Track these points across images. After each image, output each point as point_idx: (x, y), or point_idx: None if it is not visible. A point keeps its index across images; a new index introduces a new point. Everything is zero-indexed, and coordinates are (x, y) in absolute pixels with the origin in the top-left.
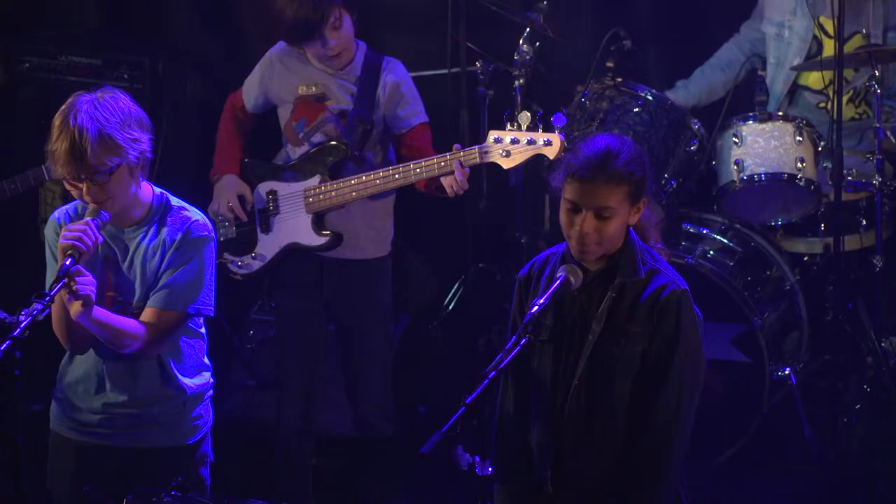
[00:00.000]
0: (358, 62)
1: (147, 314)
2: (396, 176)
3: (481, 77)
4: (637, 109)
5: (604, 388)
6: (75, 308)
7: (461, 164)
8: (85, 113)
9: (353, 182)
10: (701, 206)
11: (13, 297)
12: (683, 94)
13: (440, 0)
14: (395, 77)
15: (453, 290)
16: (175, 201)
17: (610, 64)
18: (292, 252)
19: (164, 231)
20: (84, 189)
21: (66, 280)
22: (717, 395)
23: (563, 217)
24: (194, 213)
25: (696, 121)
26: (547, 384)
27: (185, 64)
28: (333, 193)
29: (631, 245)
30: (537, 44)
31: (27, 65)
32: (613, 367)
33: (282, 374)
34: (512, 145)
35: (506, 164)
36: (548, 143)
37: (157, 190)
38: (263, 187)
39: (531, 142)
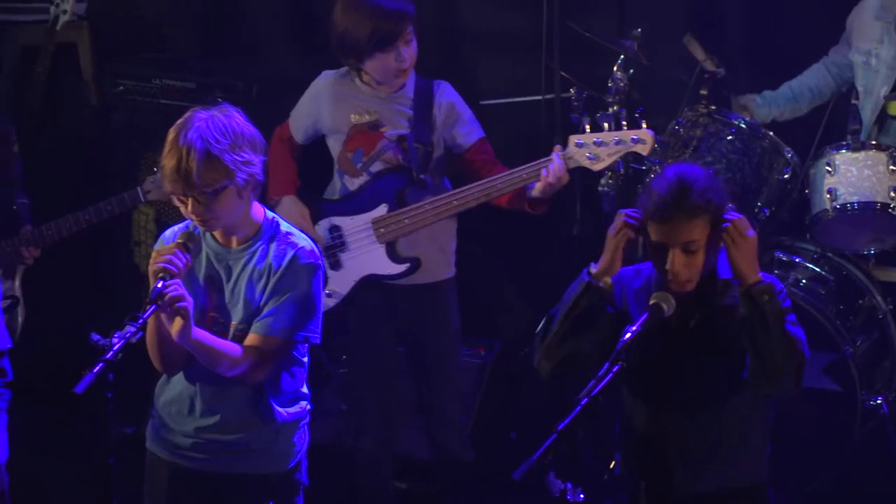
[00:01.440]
0: (409, 86)
1: (251, 340)
2: (475, 193)
3: (575, 104)
4: (730, 137)
5: (712, 406)
6: (175, 327)
7: (562, 156)
8: (196, 130)
9: (426, 207)
10: (794, 234)
11: (107, 320)
12: (766, 107)
13: (535, 27)
14: (449, 97)
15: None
16: (284, 226)
17: (703, 91)
18: (366, 283)
19: (272, 255)
20: (189, 206)
21: (157, 303)
22: (807, 424)
23: (651, 254)
24: (302, 240)
25: (789, 149)
26: (649, 408)
27: (279, 88)
28: (406, 221)
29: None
30: (631, 71)
31: (121, 87)
32: (719, 385)
33: (357, 400)
34: (597, 147)
35: (595, 166)
36: (637, 141)
37: (269, 214)
38: (324, 224)
39: (619, 141)
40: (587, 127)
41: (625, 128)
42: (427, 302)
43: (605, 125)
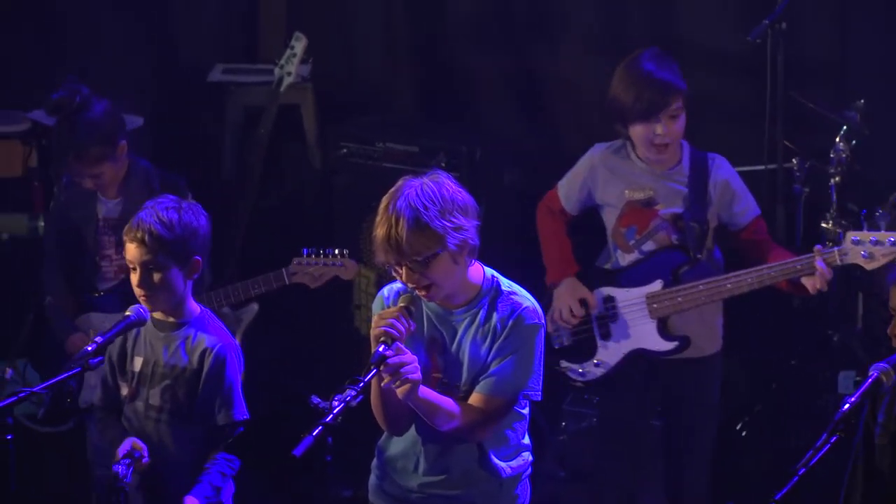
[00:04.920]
0: (685, 162)
1: (475, 399)
2: (749, 280)
3: (797, 174)
4: None
5: None
6: (401, 389)
7: (826, 263)
8: (405, 199)
9: (700, 287)
10: None
11: (327, 382)
12: None
13: (758, 97)
14: (725, 174)
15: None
16: (506, 285)
17: None
18: (635, 357)
19: (495, 316)
20: (404, 274)
21: (378, 367)
22: None
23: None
24: (525, 299)
25: None
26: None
27: (502, 153)
28: (680, 299)
29: None
30: (854, 142)
31: (345, 150)
32: None
33: (602, 465)
34: (873, 246)
35: (868, 265)
36: None
37: (488, 272)
38: (599, 293)
39: (894, 242)
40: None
41: None
42: (690, 376)
43: (882, 224)
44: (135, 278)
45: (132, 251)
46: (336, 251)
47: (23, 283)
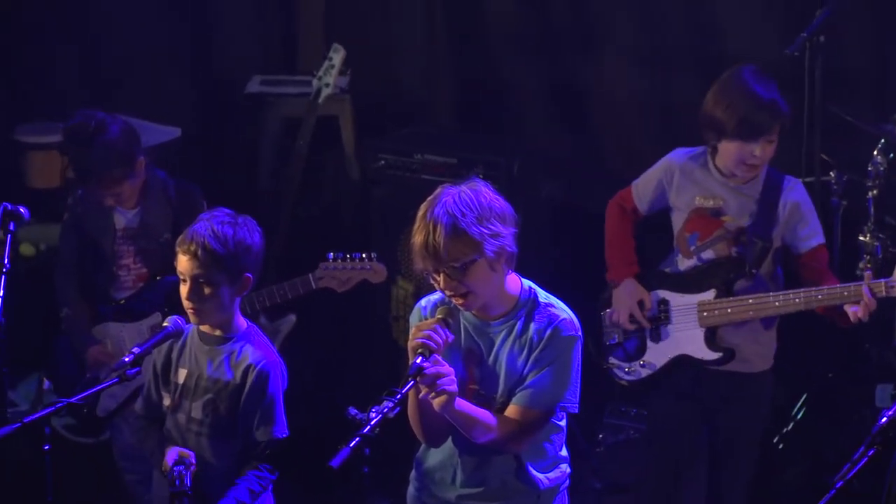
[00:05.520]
0: (761, 178)
1: (512, 411)
2: (797, 300)
3: (835, 187)
4: None
5: None
6: (437, 401)
7: (871, 292)
8: (442, 206)
9: (749, 301)
10: None
11: (364, 394)
12: None
13: (796, 109)
14: (797, 197)
15: (802, 400)
16: (543, 296)
17: None
18: (679, 362)
19: (532, 327)
20: (442, 281)
21: (416, 379)
22: None
23: None
24: (562, 311)
25: None
26: None
27: (540, 165)
28: (729, 310)
29: None
30: (891, 155)
31: (382, 162)
32: None
33: (647, 473)
34: None
35: None
36: None
37: (526, 284)
38: (655, 295)
39: None
40: None
41: None
42: (739, 391)
43: None
44: (184, 290)
45: (184, 263)
46: (363, 255)
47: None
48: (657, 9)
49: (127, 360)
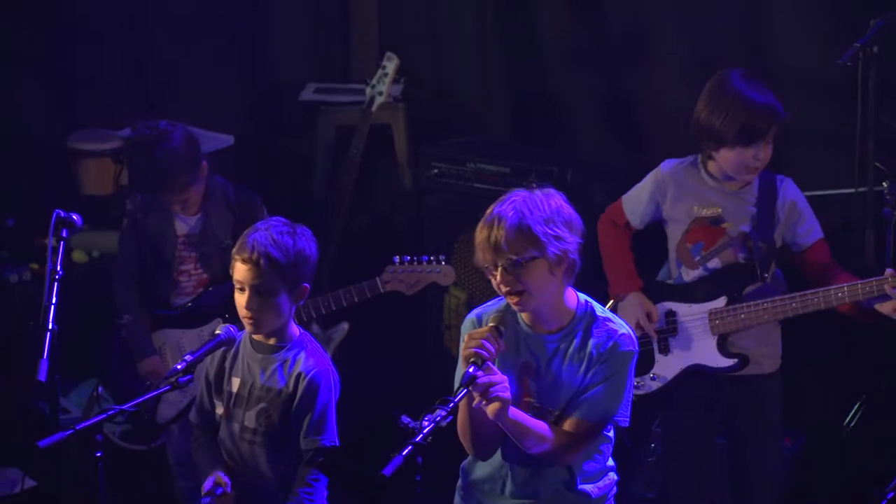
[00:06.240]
0: (754, 182)
1: (566, 423)
2: (816, 300)
3: (888, 197)
4: None
5: None
6: (491, 409)
7: (895, 287)
8: (511, 204)
9: (766, 305)
10: None
11: (416, 402)
12: None
13: (848, 119)
14: (791, 195)
15: (854, 409)
16: (600, 311)
17: None
18: (692, 373)
19: (590, 342)
20: (499, 276)
21: (468, 388)
22: None
23: None
24: (621, 326)
25: None
26: None
27: (593, 175)
28: (743, 316)
29: None
30: None
31: (436, 170)
32: None
33: (670, 487)
34: None
35: None
36: None
37: (582, 298)
38: (661, 307)
39: None
40: None
41: None
42: (750, 394)
43: None
44: (242, 299)
45: (243, 272)
46: (431, 258)
47: (113, 300)
48: (709, 21)
49: (179, 367)
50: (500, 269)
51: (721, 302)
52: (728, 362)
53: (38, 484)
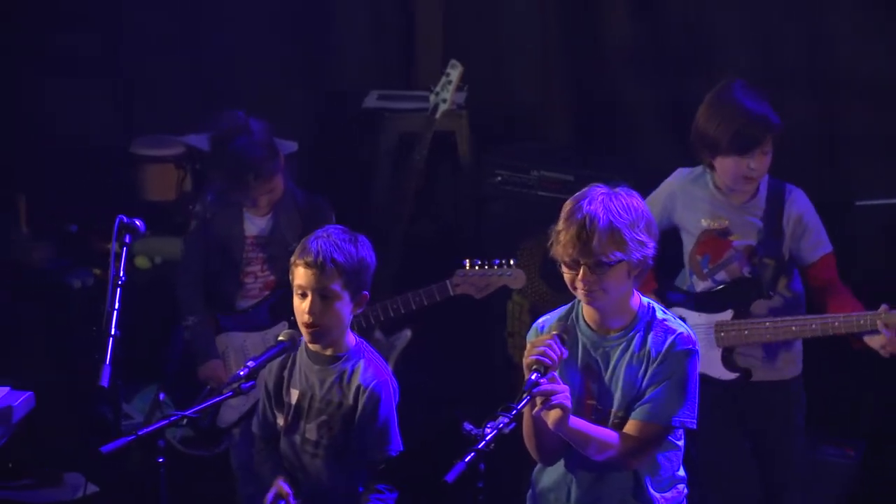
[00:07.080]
0: (762, 193)
1: (629, 427)
2: (813, 326)
3: None
4: None
5: None
6: (551, 417)
7: (885, 325)
8: (599, 202)
9: (766, 324)
10: None
11: (479, 409)
12: None
13: None
14: (799, 208)
15: None
16: (660, 312)
17: None
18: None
19: (650, 342)
20: (580, 274)
21: (531, 395)
22: None
23: None
24: (679, 326)
25: None
26: None
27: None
28: (746, 332)
29: None
30: None
31: (499, 178)
32: None
33: (701, 496)
34: None
35: None
36: None
37: (644, 300)
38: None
39: None
40: None
41: None
42: (772, 399)
43: None
44: (305, 304)
45: (308, 276)
46: (501, 261)
47: (176, 304)
48: (772, 29)
49: (241, 373)
50: (583, 267)
51: (728, 315)
52: (731, 375)
53: (100, 489)
